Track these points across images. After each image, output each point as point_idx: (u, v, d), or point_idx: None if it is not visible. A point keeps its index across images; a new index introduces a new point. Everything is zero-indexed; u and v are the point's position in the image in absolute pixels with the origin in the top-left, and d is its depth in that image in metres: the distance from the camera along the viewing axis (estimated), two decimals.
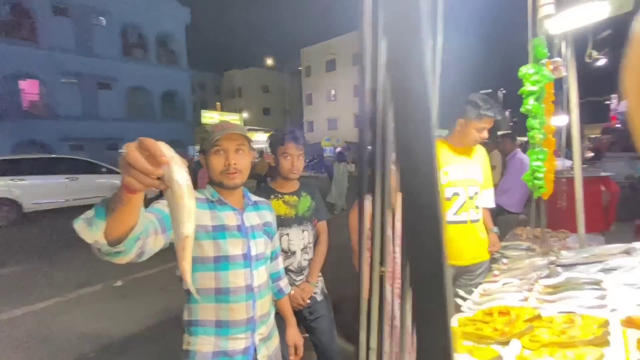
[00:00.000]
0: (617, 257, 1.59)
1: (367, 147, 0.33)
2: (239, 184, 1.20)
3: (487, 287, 1.71)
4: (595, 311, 1.15)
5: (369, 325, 0.38)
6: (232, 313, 1.15)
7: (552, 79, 1.08)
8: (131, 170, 0.54)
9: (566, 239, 2.52)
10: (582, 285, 1.35)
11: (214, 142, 1.14)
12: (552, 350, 0.98)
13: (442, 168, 2.05)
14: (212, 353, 1.15)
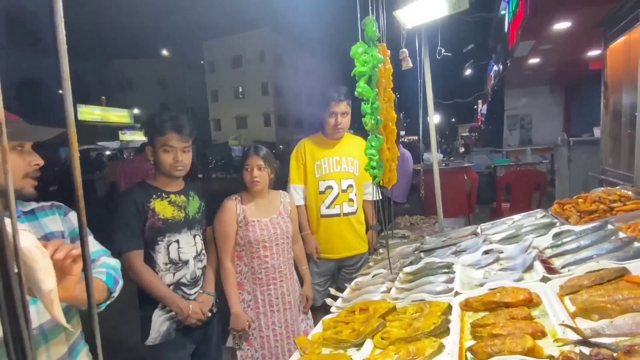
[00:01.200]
0: (467, 239, 1.73)
1: None
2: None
3: (359, 281, 1.68)
4: (442, 297, 1.16)
5: None
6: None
7: (381, 60, 1.04)
8: None
9: (435, 224, 2.78)
10: (436, 270, 1.40)
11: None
12: (398, 347, 0.93)
13: (315, 162, 2.01)
14: None
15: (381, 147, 1.14)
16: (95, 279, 0.93)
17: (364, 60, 1.02)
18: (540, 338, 0.79)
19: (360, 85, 1.04)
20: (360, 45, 1.01)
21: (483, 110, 18.98)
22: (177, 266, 1.44)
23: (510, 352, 0.72)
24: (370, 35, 1.02)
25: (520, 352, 0.71)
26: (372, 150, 1.10)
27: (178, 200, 1.48)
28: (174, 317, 1.43)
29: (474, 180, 4.54)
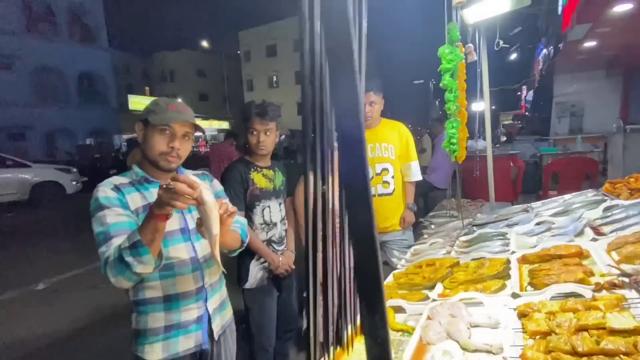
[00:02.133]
0: (518, 215, 1.92)
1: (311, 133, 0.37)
2: (175, 168, 1.18)
3: (417, 248, 1.93)
4: (500, 255, 1.39)
5: (315, 283, 0.44)
6: (179, 286, 1.14)
7: (462, 58, 1.27)
8: (179, 197, 0.80)
9: (481, 207, 2.94)
10: (491, 237, 1.62)
11: (165, 122, 1.10)
12: (466, 286, 1.18)
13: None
14: (164, 327, 1.14)
15: (460, 128, 1.37)
16: (234, 232, 1.22)
17: (449, 59, 1.25)
18: (589, 277, 1.00)
19: (445, 78, 1.28)
20: (446, 47, 1.25)
21: (528, 97, 17.99)
22: (269, 227, 1.78)
23: (564, 281, 0.95)
24: (453, 38, 1.25)
25: (573, 282, 0.93)
26: (453, 130, 1.34)
27: (269, 174, 1.81)
28: (266, 268, 1.78)
29: (519, 167, 4.55)
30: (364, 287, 0.29)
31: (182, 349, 1.15)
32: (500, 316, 0.94)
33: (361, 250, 0.29)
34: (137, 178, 1.16)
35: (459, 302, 1.05)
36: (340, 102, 0.31)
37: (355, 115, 0.28)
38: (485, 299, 1.06)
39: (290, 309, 1.96)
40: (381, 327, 0.30)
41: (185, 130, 1.14)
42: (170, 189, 0.80)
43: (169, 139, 1.12)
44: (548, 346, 0.71)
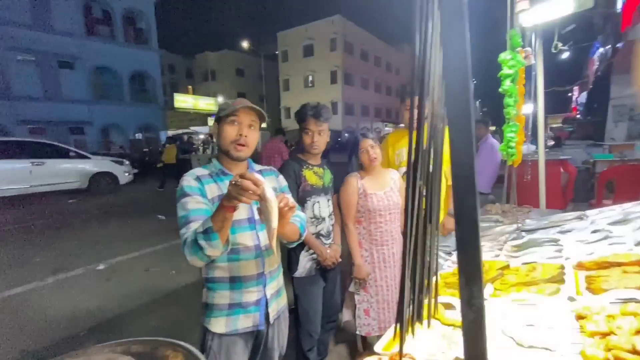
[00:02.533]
0: (571, 222, 1.86)
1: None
2: (243, 157, 1.29)
3: None
4: (553, 260, 1.38)
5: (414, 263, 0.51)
6: (243, 269, 1.27)
7: (524, 64, 1.28)
8: (244, 192, 0.91)
9: (529, 213, 2.85)
10: (542, 243, 1.60)
11: (232, 112, 1.24)
12: (518, 288, 1.20)
13: (395, 152, 2.29)
14: (228, 305, 1.28)
15: (519, 132, 1.39)
16: (294, 225, 1.34)
17: (511, 65, 1.27)
18: None
19: (505, 84, 1.30)
20: (508, 53, 1.27)
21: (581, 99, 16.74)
22: (318, 221, 1.89)
23: (625, 287, 0.95)
24: (515, 44, 1.27)
25: (634, 287, 0.93)
26: (512, 134, 1.36)
27: (319, 171, 1.92)
28: (314, 259, 1.89)
29: (570, 174, 4.31)
30: (465, 262, 0.37)
31: (242, 326, 1.28)
32: (556, 317, 0.96)
33: (464, 229, 0.36)
34: (215, 170, 1.30)
35: (512, 301, 1.08)
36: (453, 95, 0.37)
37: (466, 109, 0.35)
38: (539, 301, 1.08)
39: (333, 300, 2.06)
40: (478, 296, 0.37)
41: (251, 119, 1.27)
42: (237, 185, 0.91)
43: (237, 128, 1.26)
44: (608, 345, 0.74)
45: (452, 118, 0.36)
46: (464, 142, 0.36)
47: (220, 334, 1.27)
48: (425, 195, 0.48)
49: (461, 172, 0.36)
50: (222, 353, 1.27)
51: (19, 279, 3.83)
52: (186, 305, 3.24)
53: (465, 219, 0.36)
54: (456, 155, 0.36)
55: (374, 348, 1.06)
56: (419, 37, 0.42)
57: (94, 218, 6.96)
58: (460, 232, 0.37)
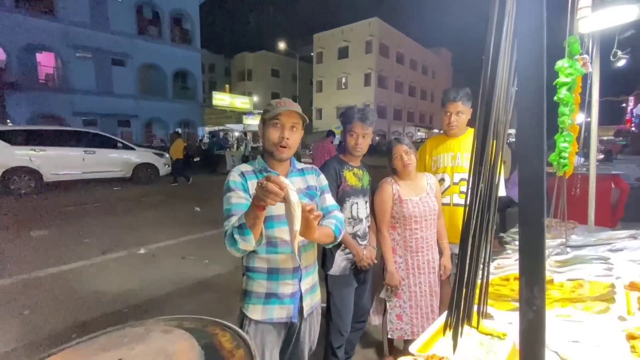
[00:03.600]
0: (624, 241, 1.75)
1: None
2: (285, 158, 1.34)
3: (500, 262, 1.88)
4: (601, 279, 1.32)
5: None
6: (280, 262, 1.33)
7: (583, 72, 1.23)
8: (269, 194, 0.95)
9: (574, 229, 2.69)
10: (590, 260, 1.52)
11: (275, 115, 1.29)
12: (563, 304, 1.16)
13: (432, 158, 2.25)
14: (265, 294, 1.34)
15: (572, 142, 1.34)
16: (327, 227, 1.34)
17: (568, 74, 1.24)
18: None
19: (561, 92, 1.27)
20: (566, 61, 1.23)
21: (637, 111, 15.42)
22: (355, 221, 1.91)
23: None
24: (574, 52, 1.23)
25: None
26: (566, 144, 1.32)
27: (358, 173, 1.95)
28: (349, 259, 1.92)
29: (622, 190, 4.01)
30: (527, 264, 0.39)
31: (276, 316, 1.34)
32: (605, 335, 0.93)
33: (528, 232, 0.38)
34: (259, 167, 1.37)
35: (556, 317, 1.05)
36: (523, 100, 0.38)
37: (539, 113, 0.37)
38: (585, 318, 1.04)
39: (364, 301, 2.07)
40: (539, 297, 0.39)
41: (293, 121, 1.32)
42: (262, 187, 0.96)
43: (279, 130, 1.31)
44: None
45: (524, 121, 0.38)
46: (534, 146, 0.37)
47: (256, 320, 1.33)
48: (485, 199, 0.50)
49: (529, 175, 0.38)
50: (257, 338, 1.34)
51: (72, 257, 4.20)
52: (218, 293, 3.40)
53: (531, 222, 0.38)
54: (525, 159, 0.38)
55: (409, 349, 1.07)
56: (492, 40, 0.44)
57: (136, 205, 7.43)
58: (524, 234, 0.39)
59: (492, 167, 0.49)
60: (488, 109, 0.46)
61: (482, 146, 0.47)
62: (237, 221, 1.13)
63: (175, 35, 21.40)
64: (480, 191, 0.48)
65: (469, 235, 0.50)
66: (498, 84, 0.44)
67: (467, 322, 0.59)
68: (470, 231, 0.50)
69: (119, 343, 0.95)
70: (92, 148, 9.18)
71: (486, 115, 0.46)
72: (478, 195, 0.48)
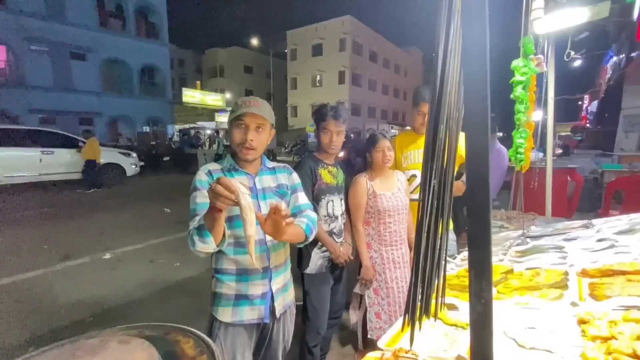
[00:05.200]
0: (577, 230, 1.87)
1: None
2: (251, 159, 1.32)
3: (466, 255, 1.95)
4: (557, 267, 1.40)
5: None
6: (249, 263, 1.26)
7: (537, 71, 1.30)
8: (219, 197, 0.93)
9: (534, 220, 2.85)
10: (547, 249, 1.61)
11: (239, 117, 1.26)
12: (521, 292, 1.22)
13: (403, 153, 2.29)
14: (235, 295, 1.31)
15: (528, 138, 1.40)
16: (297, 227, 1.30)
17: (523, 72, 1.29)
18: None
19: (517, 90, 1.32)
20: (520, 61, 1.29)
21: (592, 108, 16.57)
22: (331, 219, 1.91)
23: (628, 295, 0.96)
24: (528, 52, 1.29)
25: (637, 295, 0.95)
26: (522, 140, 1.37)
27: (333, 170, 1.95)
28: (326, 257, 1.91)
29: (577, 183, 4.29)
30: (476, 258, 0.39)
31: (247, 318, 1.31)
32: (558, 321, 0.98)
33: (475, 227, 0.39)
34: (227, 166, 1.34)
35: (515, 305, 1.10)
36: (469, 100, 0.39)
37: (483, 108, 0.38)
38: (541, 305, 1.09)
39: (339, 298, 2.08)
40: (487, 290, 0.39)
41: (258, 122, 1.28)
42: (213, 190, 0.94)
43: (244, 132, 1.28)
44: (609, 349, 0.75)
45: (470, 119, 0.38)
46: (480, 143, 0.38)
47: (226, 323, 1.30)
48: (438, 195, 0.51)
49: (476, 171, 0.38)
50: (227, 341, 1.30)
51: (29, 265, 3.91)
52: (189, 297, 3.29)
53: (477, 216, 0.39)
54: (472, 156, 0.38)
55: (377, 344, 1.08)
56: (442, 41, 0.44)
57: (100, 208, 7.05)
58: (472, 228, 0.39)
59: (446, 163, 0.50)
60: (439, 105, 0.46)
61: (434, 142, 0.47)
62: (197, 222, 1.11)
63: (141, 29, 20.41)
64: (433, 187, 0.49)
65: (422, 232, 0.51)
66: (449, 81, 0.45)
67: (425, 316, 0.60)
68: (423, 227, 0.50)
69: (70, 356, 0.89)
70: (50, 148, 8.59)
71: (437, 112, 0.47)
72: (431, 192, 0.49)
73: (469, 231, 0.40)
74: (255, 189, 1.35)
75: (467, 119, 0.38)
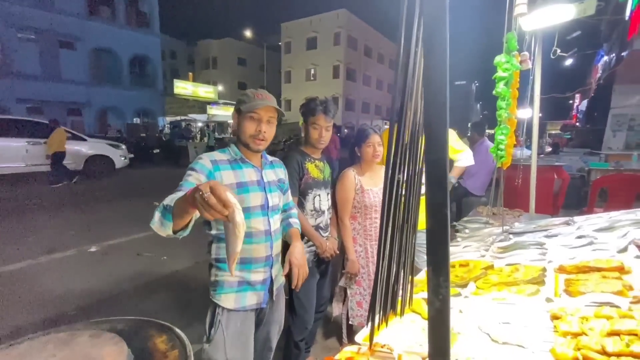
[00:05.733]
0: (559, 227, 1.89)
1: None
2: (262, 149, 1.37)
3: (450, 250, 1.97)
4: (536, 263, 1.41)
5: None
6: (254, 252, 1.34)
7: (519, 68, 1.30)
8: (209, 209, 0.76)
9: (519, 217, 2.88)
10: (528, 246, 1.63)
11: (252, 108, 1.29)
12: (499, 288, 1.23)
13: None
14: (238, 282, 1.34)
15: (509, 135, 1.41)
16: (296, 230, 1.50)
17: (505, 68, 1.29)
18: (629, 291, 1.02)
19: (499, 86, 1.32)
20: (503, 56, 1.28)
21: (581, 107, 16.80)
22: (318, 213, 1.90)
23: (601, 291, 0.97)
24: (511, 48, 1.28)
25: (610, 292, 0.96)
26: (503, 136, 1.38)
27: (320, 165, 1.93)
28: (312, 251, 1.90)
29: (564, 180, 4.35)
30: (434, 254, 0.39)
31: (249, 303, 1.36)
32: (532, 317, 0.99)
33: (434, 224, 0.38)
34: (234, 157, 1.35)
35: (492, 300, 1.11)
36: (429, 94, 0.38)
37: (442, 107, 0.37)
38: (517, 300, 1.10)
39: (324, 292, 2.08)
40: (444, 286, 0.39)
41: (269, 115, 1.33)
42: (204, 199, 0.77)
43: (256, 123, 1.31)
44: (578, 344, 0.76)
45: (429, 118, 0.37)
46: (437, 141, 0.37)
47: (229, 309, 1.33)
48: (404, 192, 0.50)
49: (433, 167, 0.37)
50: (230, 327, 1.33)
51: (13, 257, 3.84)
52: (176, 290, 3.27)
53: (435, 213, 0.38)
54: (430, 154, 0.38)
55: (355, 338, 1.08)
56: (402, 44, 0.43)
57: (87, 200, 6.94)
58: (430, 225, 0.39)
59: (414, 157, 0.49)
60: (402, 98, 0.45)
61: (398, 135, 0.46)
62: (169, 200, 0.99)
63: (131, 18, 19.95)
64: (397, 182, 0.48)
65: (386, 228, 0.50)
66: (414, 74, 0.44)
67: (392, 312, 0.59)
68: (386, 223, 0.49)
69: (40, 349, 0.87)
70: (36, 139, 8.39)
71: (401, 106, 0.46)
72: (394, 188, 0.48)
73: (427, 227, 0.39)
74: (263, 182, 1.39)
75: (427, 115, 0.37)
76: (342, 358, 0.96)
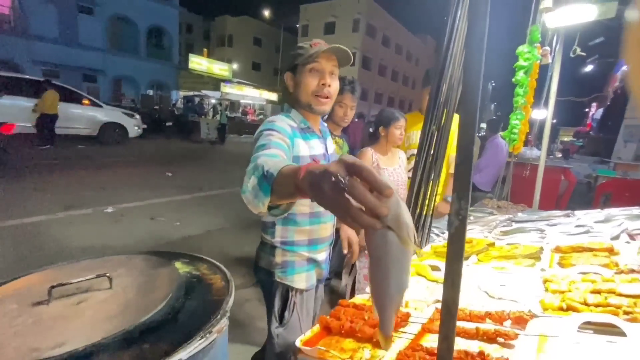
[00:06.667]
0: (559, 218, 2.01)
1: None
2: (327, 110, 1.15)
3: None
4: (534, 243, 1.53)
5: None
6: (322, 231, 1.28)
7: (539, 59, 1.39)
8: (352, 207, 0.40)
9: (523, 211, 2.99)
10: (528, 230, 1.75)
11: (312, 58, 1.07)
12: (499, 260, 1.36)
13: (406, 133, 2.38)
14: (307, 261, 1.28)
15: (523, 121, 1.51)
16: None
17: (526, 58, 1.38)
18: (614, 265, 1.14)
19: (518, 74, 1.41)
20: (526, 47, 1.37)
21: (596, 115, 16.57)
22: None
23: (589, 263, 1.10)
24: (534, 39, 1.37)
25: (597, 265, 1.08)
26: (517, 121, 1.48)
27: (339, 142, 2.06)
28: None
29: (570, 182, 4.43)
30: (460, 181, 0.51)
31: (314, 281, 1.33)
32: (527, 281, 1.12)
33: (462, 158, 0.50)
34: (303, 126, 1.16)
35: (492, 268, 1.24)
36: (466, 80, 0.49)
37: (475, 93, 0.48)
38: (514, 269, 1.23)
39: (332, 262, 2.23)
40: (464, 208, 0.51)
41: (332, 66, 1.11)
42: (343, 188, 0.41)
43: (319, 76, 1.10)
44: (564, 298, 0.89)
45: (464, 100, 0.48)
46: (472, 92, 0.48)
47: (302, 290, 1.27)
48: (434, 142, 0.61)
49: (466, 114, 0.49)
50: (303, 307, 1.30)
51: (34, 210, 4.04)
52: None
53: (463, 150, 0.50)
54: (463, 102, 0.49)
55: (367, 289, 1.22)
56: (448, 31, 0.53)
57: (101, 165, 7.14)
58: (459, 159, 0.50)
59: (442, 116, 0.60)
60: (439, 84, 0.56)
61: (437, 93, 0.58)
62: (269, 167, 0.64)
63: None
64: (433, 132, 0.59)
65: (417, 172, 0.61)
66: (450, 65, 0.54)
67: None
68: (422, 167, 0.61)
69: (101, 265, 1.02)
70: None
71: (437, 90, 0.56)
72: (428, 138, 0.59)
73: (456, 161, 0.51)
74: (328, 156, 1.25)
75: (462, 100, 0.48)
76: (356, 302, 1.10)
